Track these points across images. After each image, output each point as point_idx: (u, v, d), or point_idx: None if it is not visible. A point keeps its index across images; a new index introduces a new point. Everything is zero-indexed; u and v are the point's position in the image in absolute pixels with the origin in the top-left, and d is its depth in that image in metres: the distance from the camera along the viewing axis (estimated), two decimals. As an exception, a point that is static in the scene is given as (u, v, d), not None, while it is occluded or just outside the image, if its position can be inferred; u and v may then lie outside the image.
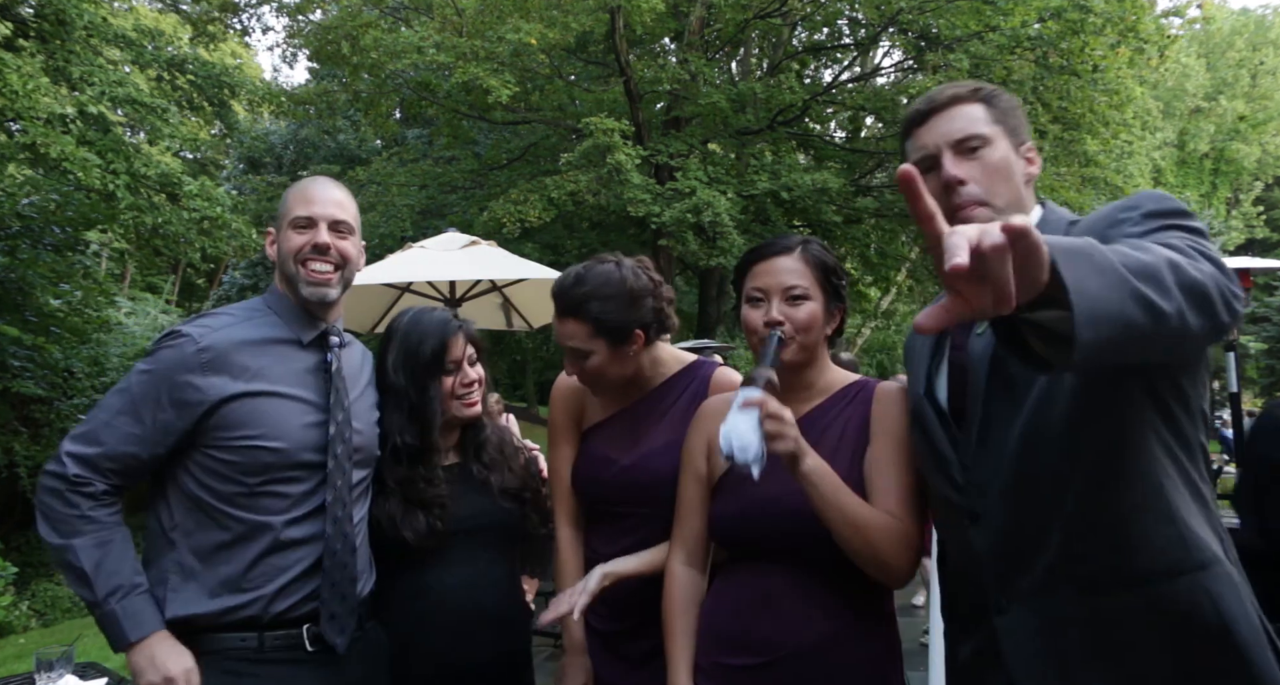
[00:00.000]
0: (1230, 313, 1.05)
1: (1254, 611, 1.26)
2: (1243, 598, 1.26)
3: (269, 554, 1.74)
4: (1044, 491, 1.29)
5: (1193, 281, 1.01)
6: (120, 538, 1.70)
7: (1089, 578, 1.27)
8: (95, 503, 1.69)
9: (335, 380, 1.86)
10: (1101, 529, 1.26)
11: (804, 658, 1.58)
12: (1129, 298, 0.95)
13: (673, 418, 1.97)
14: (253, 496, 1.74)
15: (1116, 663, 1.25)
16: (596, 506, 2.03)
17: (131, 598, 1.65)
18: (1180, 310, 0.99)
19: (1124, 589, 1.25)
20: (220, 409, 1.72)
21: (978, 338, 1.41)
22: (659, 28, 13.36)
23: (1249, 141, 28.13)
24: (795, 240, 1.72)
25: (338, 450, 1.81)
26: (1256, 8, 39.89)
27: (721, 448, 1.44)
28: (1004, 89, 1.49)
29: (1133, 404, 1.26)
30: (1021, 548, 1.32)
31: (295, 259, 1.85)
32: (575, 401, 2.10)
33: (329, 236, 1.86)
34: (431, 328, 2.06)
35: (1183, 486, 1.27)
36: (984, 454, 1.36)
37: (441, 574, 1.98)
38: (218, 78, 11.47)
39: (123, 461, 1.71)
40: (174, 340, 1.76)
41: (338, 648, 1.79)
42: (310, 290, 1.85)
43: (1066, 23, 11.06)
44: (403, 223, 13.05)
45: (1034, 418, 1.29)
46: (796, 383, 1.71)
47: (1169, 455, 1.27)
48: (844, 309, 1.73)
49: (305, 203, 1.87)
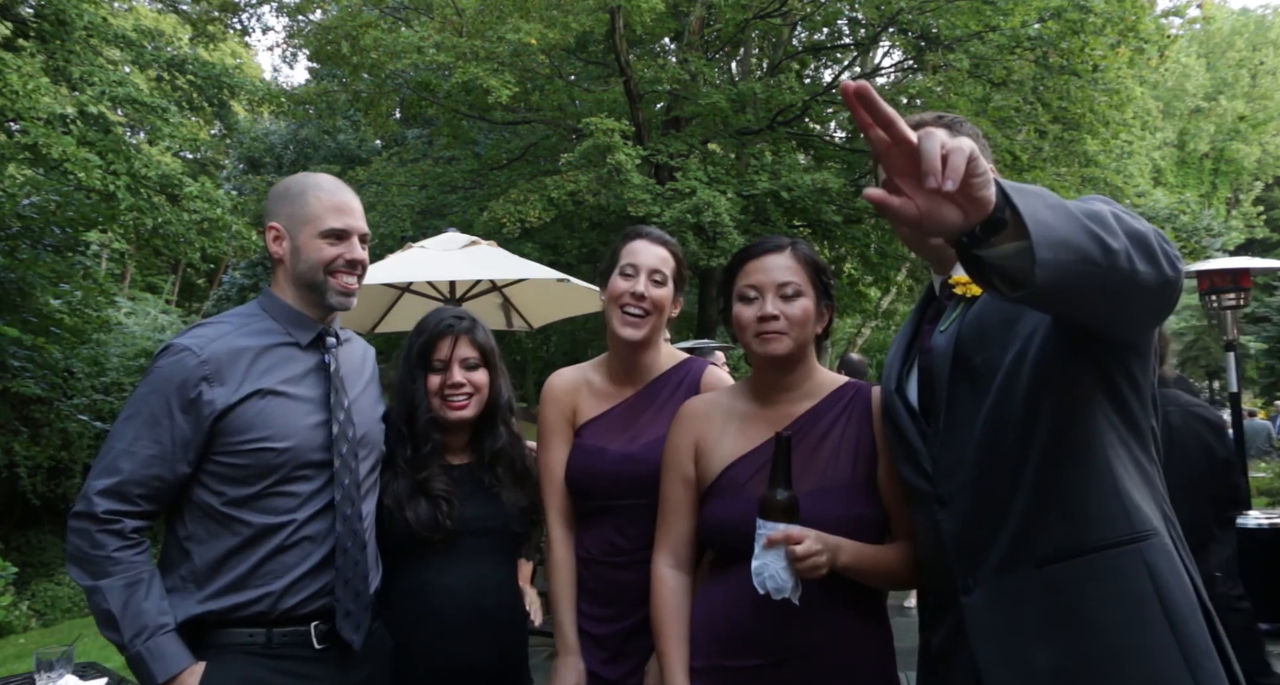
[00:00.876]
0: (1173, 268, 1.11)
1: (1189, 582, 1.33)
2: (1178, 568, 1.34)
3: (279, 552, 1.75)
4: (1005, 472, 1.37)
5: (1135, 229, 1.09)
6: (148, 577, 1.70)
7: (1043, 551, 1.35)
8: (123, 542, 1.69)
9: (334, 379, 1.88)
10: (1055, 504, 1.35)
11: (811, 657, 1.59)
12: (1081, 231, 1.02)
13: (669, 411, 1.99)
14: (263, 498, 1.75)
15: (1067, 632, 1.32)
16: (590, 501, 2.03)
17: (157, 638, 1.66)
18: (1127, 251, 1.05)
19: (1072, 559, 1.33)
20: (227, 415, 1.73)
21: (940, 335, 1.50)
22: (659, 28, 13.35)
23: (1249, 141, 28.12)
24: (785, 240, 1.76)
25: (343, 448, 1.82)
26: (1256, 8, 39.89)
27: (756, 587, 1.50)
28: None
29: (1086, 389, 1.35)
30: (985, 527, 1.39)
31: (326, 270, 1.87)
32: (568, 399, 2.11)
33: (361, 251, 1.90)
34: (430, 324, 2.10)
35: (1130, 466, 1.37)
36: (950, 442, 1.44)
37: (441, 574, 1.99)
38: (217, 78, 11.45)
39: (149, 485, 1.71)
40: (173, 355, 1.75)
41: (354, 645, 1.80)
42: (338, 300, 1.89)
43: (1066, 23, 11.05)
44: (403, 223, 13.05)
45: (996, 405, 1.37)
46: (789, 380, 1.75)
47: (1118, 437, 1.37)
48: (832, 308, 1.77)
49: (338, 213, 1.87)
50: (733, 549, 1.67)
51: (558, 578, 2.03)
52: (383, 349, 3.12)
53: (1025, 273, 1.01)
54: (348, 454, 1.83)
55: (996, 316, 1.42)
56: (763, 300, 1.68)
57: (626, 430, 2.03)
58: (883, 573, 1.62)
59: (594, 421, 2.06)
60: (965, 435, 1.42)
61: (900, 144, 0.98)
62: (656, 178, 11.83)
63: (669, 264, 2.03)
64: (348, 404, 1.88)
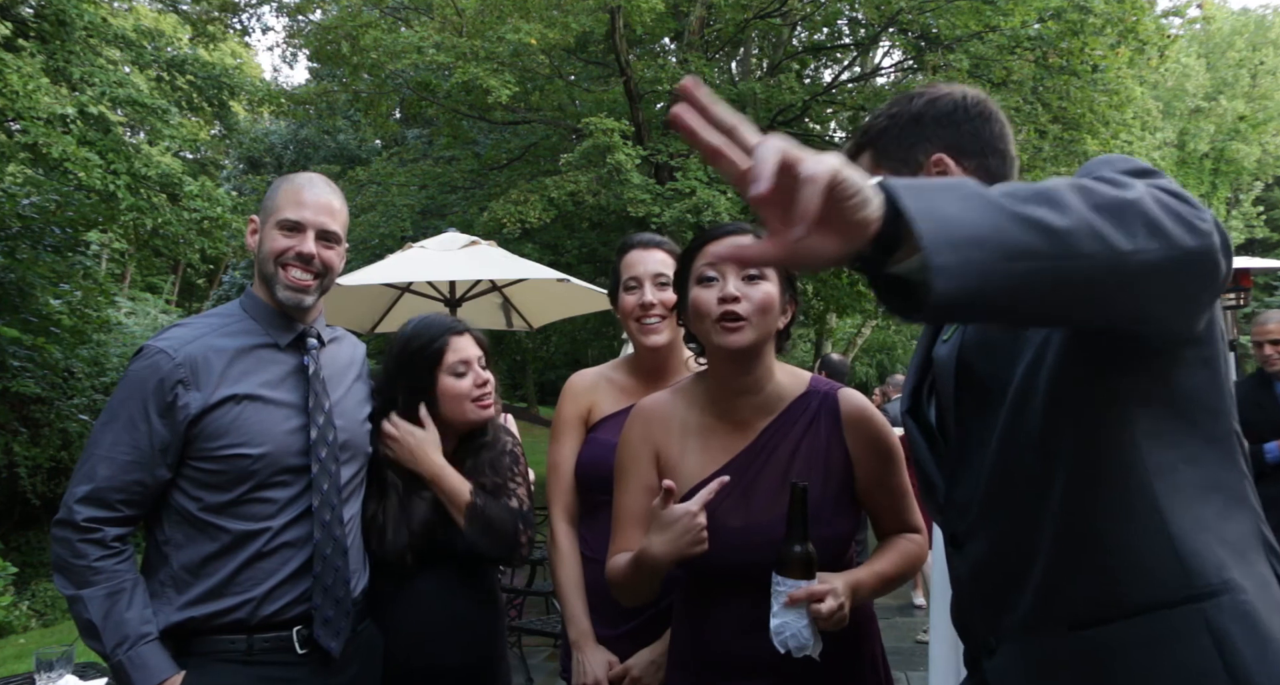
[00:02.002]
0: (1193, 233, 0.84)
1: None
2: (1263, 636, 1.01)
3: (258, 559, 1.72)
4: (1023, 507, 1.13)
5: (1111, 197, 0.83)
6: (130, 586, 1.68)
7: (1077, 609, 1.10)
8: (105, 551, 1.67)
9: (313, 383, 1.83)
10: (1088, 550, 1.09)
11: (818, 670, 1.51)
12: (1005, 219, 0.79)
13: None
14: (240, 504, 1.72)
15: None
16: (597, 495, 2.01)
17: (139, 648, 1.64)
18: (1090, 229, 0.80)
19: (1114, 622, 1.07)
20: (202, 419, 1.70)
21: (943, 345, 1.28)
22: (659, 28, 13.34)
23: (1249, 141, 28.10)
24: (747, 226, 1.64)
25: (321, 453, 1.79)
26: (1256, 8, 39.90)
27: (777, 646, 1.38)
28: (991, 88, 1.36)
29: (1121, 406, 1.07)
30: (1005, 576, 1.16)
31: (276, 261, 1.81)
32: (586, 398, 2.12)
33: (315, 246, 1.82)
34: (435, 326, 2.06)
35: (1193, 497, 1.06)
36: (964, 471, 1.22)
37: (415, 579, 1.97)
38: (217, 78, 11.46)
39: (129, 490, 1.69)
40: (148, 357, 1.72)
41: (333, 652, 1.77)
42: (287, 295, 1.82)
43: (1066, 23, 11.05)
44: (403, 223, 13.03)
45: (1008, 428, 1.14)
46: (748, 381, 1.58)
47: (1175, 457, 1.07)
48: (796, 305, 1.63)
49: (296, 205, 1.81)
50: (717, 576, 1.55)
51: (563, 571, 2.01)
52: (382, 349, 3.12)
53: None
54: (327, 459, 1.80)
55: None
56: (724, 282, 1.50)
57: None
58: (891, 585, 1.57)
59: (613, 417, 2.07)
60: (978, 464, 1.19)
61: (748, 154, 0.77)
62: (656, 178, 11.83)
63: (668, 264, 2.05)
64: (329, 407, 1.84)
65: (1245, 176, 28.93)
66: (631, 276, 2.04)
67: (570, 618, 1.97)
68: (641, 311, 2.02)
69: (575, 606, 1.97)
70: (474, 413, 2.03)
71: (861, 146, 1.34)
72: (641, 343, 2.05)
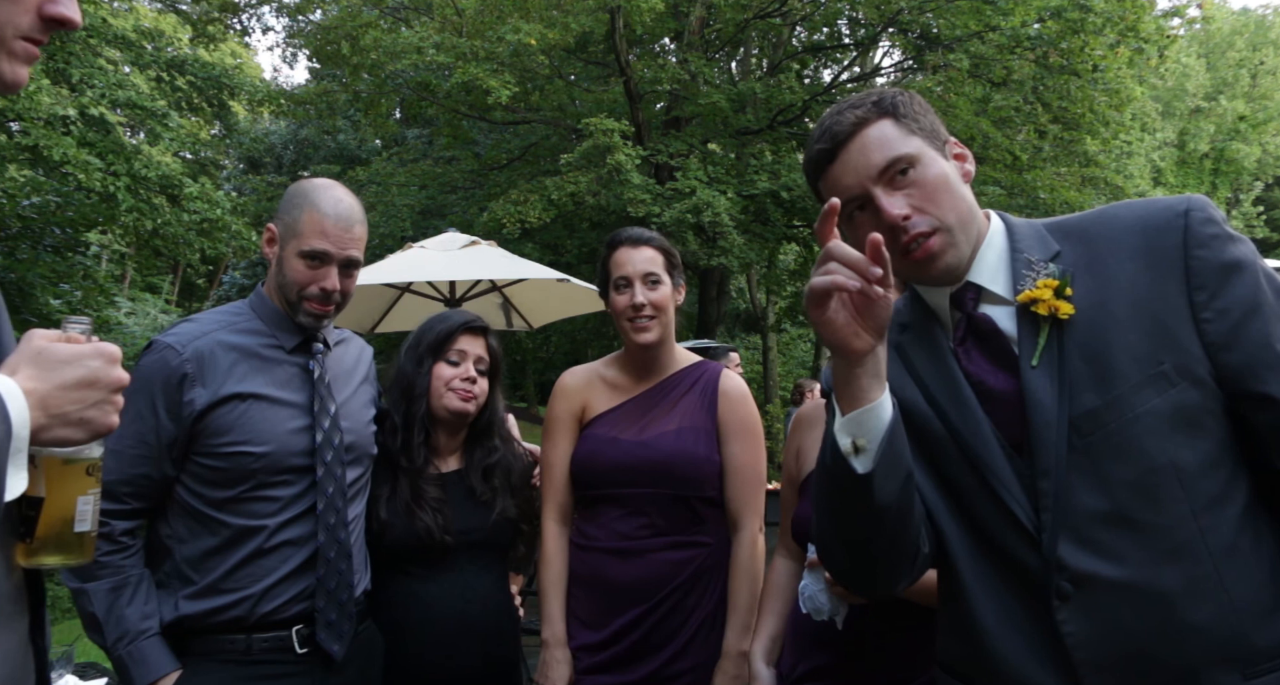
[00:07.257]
0: None
1: None
2: None
3: (258, 555, 1.73)
4: (1173, 555, 1.06)
5: None
6: (135, 581, 1.69)
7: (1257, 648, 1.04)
8: (112, 546, 1.68)
9: (319, 387, 1.84)
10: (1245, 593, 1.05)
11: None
12: None
13: (684, 407, 2.07)
14: (242, 501, 1.73)
15: None
16: (594, 490, 2.05)
17: (139, 643, 1.65)
18: None
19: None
20: (207, 415, 1.71)
21: (1034, 372, 1.13)
22: (659, 28, 13.35)
23: (1249, 141, 28.10)
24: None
25: (327, 456, 1.80)
26: (1256, 8, 39.93)
27: (801, 605, 1.64)
28: (907, 88, 1.30)
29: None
30: (1146, 630, 1.06)
31: (298, 292, 1.81)
32: (579, 396, 2.14)
33: (337, 279, 1.81)
34: (454, 318, 2.13)
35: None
36: (1071, 514, 1.11)
37: (429, 581, 1.98)
38: (217, 79, 11.44)
39: (136, 484, 1.70)
40: (156, 352, 1.74)
41: (335, 655, 1.77)
42: (308, 321, 1.84)
43: (1066, 23, 11.05)
44: (403, 223, 13.05)
45: (1142, 463, 1.08)
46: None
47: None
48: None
49: (320, 235, 1.78)
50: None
51: (548, 571, 2.06)
52: (382, 349, 3.12)
53: None
54: (333, 462, 1.81)
55: (1127, 331, 1.09)
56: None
57: (638, 422, 2.08)
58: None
59: (608, 413, 2.11)
60: (1094, 504, 1.09)
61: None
62: (656, 178, 11.83)
63: (658, 262, 2.08)
64: (334, 409, 1.85)
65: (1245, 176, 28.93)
66: (621, 276, 2.07)
67: (546, 617, 2.02)
68: (633, 312, 2.05)
69: (553, 607, 2.03)
70: (450, 400, 2.04)
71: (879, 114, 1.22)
72: (633, 341, 2.08)
